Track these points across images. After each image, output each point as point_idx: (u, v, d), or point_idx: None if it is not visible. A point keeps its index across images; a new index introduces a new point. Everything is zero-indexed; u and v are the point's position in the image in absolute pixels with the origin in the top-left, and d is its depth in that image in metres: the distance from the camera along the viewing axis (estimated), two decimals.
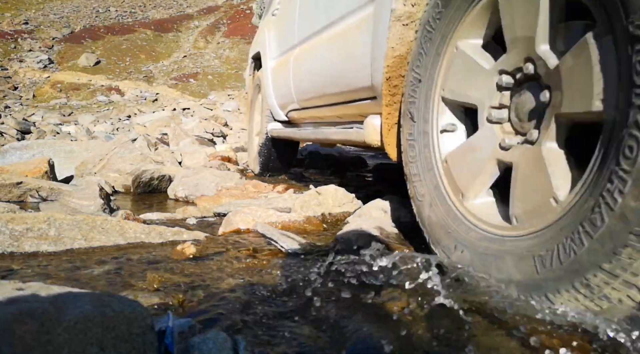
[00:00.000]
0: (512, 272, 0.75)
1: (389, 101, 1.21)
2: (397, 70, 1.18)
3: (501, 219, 0.88)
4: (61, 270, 0.95)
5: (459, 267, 0.86)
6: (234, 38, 27.57)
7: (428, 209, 1.02)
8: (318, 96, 2.00)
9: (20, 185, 2.00)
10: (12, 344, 0.46)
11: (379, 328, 0.71)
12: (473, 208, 0.93)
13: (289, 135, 2.55)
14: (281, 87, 2.58)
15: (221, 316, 0.74)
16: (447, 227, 0.94)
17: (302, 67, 2.15)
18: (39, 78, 20.76)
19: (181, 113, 9.98)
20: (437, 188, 1.01)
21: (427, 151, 1.06)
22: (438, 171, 1.03)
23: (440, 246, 0.96)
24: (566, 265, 0.66)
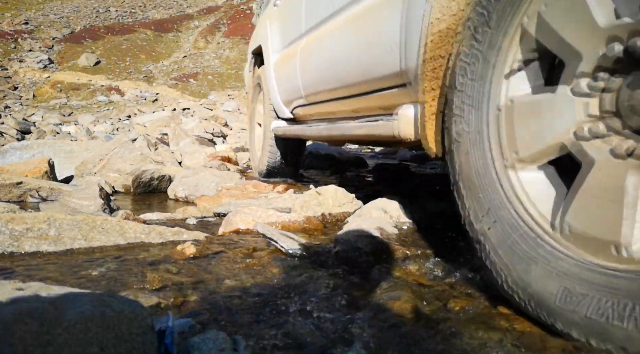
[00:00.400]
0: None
1: (429, 86, 1.00)
2: (440, 48, 0.96)
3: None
4: (61, 270, 0.95)
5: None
6: (234, 38, 27.56)
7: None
8: (330, 89, 1.80)
9: (20, 185, 2.00)
10: (12, 344, 0.46)
11: (381, 330, 0.71)
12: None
13: (297, 133, 2.33)
14: (286, 81, 2.38)
15: (221, 316, 0.74)
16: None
17: (310, 58, 1.95)
18: (39, 78, 20.76)
19: (181, 114, 9.98)
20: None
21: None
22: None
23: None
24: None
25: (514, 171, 0.79)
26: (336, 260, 1.06)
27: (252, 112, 3.34)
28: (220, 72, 23.16)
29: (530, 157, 0.77)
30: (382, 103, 1.45)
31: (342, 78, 1.64)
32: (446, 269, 0.97)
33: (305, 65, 2.03)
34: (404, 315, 0.75)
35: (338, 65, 1.65)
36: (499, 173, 0.80)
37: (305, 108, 2.28)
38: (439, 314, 0.76)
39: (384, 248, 1.11)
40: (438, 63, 0.98)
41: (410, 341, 0.67)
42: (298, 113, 2.45)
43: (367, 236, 1.14)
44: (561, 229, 0.71)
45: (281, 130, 2.57)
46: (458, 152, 0.88)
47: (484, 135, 0.84)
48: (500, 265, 0.76)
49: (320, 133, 1.98)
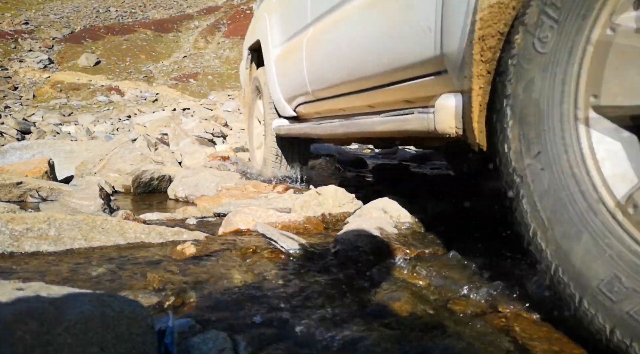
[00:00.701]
0: None
1: (477, 71, 0.84)
2: (494, 25, 0.81)
3: None
4: (61, 270, 0.95)
5: None
6: (234, 38, 27.57)
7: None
8: (342, 82, 1.62)
9: (21, 185, 2.00)
10: (12, 344, 0.46)
11: (381, 331, 0.71)
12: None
13: (305, 132, 2.09)
14: (289, 77, 2.20)
15: (221, 316, 0.74)
16: None
17: (319, 49, 1.76)
18: (39, 78, 20.76)
19: (181, 114, 9.98)
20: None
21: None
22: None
23: None
24: None
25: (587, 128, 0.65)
26: (336, 260, 1.06)
27: (249, 110, 3.18)
28: (220, 72, 23.16)
29: (614, 109, 0.63)
30: (409, 95, 1.26)
31: (358, 69, 1.45)
32: (446, 269, 0.97)
33: (313, 57, 1.84)
34: (405, 316, 0.75)
35: (353, 54, 1.45)
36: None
37: (310, 105, 2.09)
38: (439, 314, 0.76)
39: (384, 247, 1.11)
40: (489, 44, 0.82)
41: (410, 341, 0.67)
42: (301, 111, 2.28)
43: (367, 236, 1.14)
44: (627, 209, 0.60)
45: (284, 129, 2.37)
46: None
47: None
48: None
49: (334, 131, 1.74)
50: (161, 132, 5.48)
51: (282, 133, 2.44)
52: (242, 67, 3.33)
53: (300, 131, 2.14)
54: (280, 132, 2.44)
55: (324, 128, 1.83)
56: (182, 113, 10.05)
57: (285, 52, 2.25)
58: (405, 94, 1.29)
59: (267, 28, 2.50)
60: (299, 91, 2.10)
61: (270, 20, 2.48)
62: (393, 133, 1.30)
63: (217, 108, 10.69)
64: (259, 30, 2.68)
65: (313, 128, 1.97)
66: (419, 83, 1.16)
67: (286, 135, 2.41)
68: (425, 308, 0.77)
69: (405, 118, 1.18)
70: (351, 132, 1.58)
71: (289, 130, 2.31)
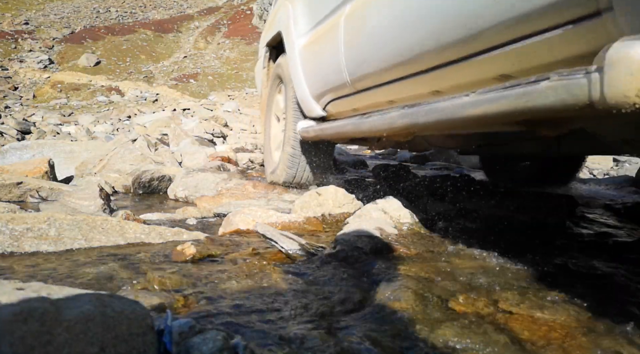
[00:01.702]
0: None
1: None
2: None
3: None
4: (61, 270, 0.95)
5: None
6: (234, 39, 27.59)
7: None
8: (403, 61, 1.22)
9: (21, 185, 2.00)
10: (12, 344, 0.46)
11: (381, 331, 0.71)
12: None
13: (344, 131, 1.63)
14: (318, 69, 1.89)
15: (221, 317, 0.74)
16: None
17: (365, 24, 1.40)
18: (39, 78, 20.77)
19: (181, 114, 9.99)
20: None
21: None
22: None
23: None
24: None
25: None
26: (336, 260, 1.06)
27: (267, 110, 2.83)
28: (221, 73, 23.18)
29: None
30: (519, 62, 0.87)
31: (437, 35, 1.03)
32: (446, 269, 0.97)
33: (354, 38, 1.50)
34: (405, 316, 0.75)
35: (433, 14, 1.04)
36: None
37: (346, 100, 1.73)
38: (439, 314, 0.76)
39: (384, 248, 1.11)
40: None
41: (410, 342, 0.67)
42: (332, 110, 1.95)
43: (367, 236, 1.14)
44: None
45: (314, 131, 1.98)
46: None
47: None
48: None
49: (391, 124, 1.24)
50: (161, 133, 5.49)
51: (310, 137, 2.06)
52: (258, 66, 3.04)
53: (338, 130, 1.68)
54: (308, 134, 2.05)
55: (374, 123, 1.35)
56: (182, 114, 10.05)
57: (314, 41, 1.95)
58: (510, 62, 0.88)
59: (290, 17, 2.21)
60: (331, 84, 1.78)
61: (294, 7, 2.20)
62: (498, 118, 0.83)
63: (217, 108, 10.70)
64: (280, 20, 2.38)
65: (357, 125, 1.49)
66: (554, 37, 0.76)
67: (316, 139, 2.03)
68: (426, 308, 0.77)
69: (528, 90, 0.73)
70: (421, 123, 1.07)
71: (321, 132, 1.88)
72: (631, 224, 1.61)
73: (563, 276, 0.95)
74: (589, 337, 0.67)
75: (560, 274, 0.97)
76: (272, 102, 2.71)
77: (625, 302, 0.82)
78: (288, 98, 2.31)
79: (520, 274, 0.95)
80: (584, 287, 0.89)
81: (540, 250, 1.16)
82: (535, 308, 0.77)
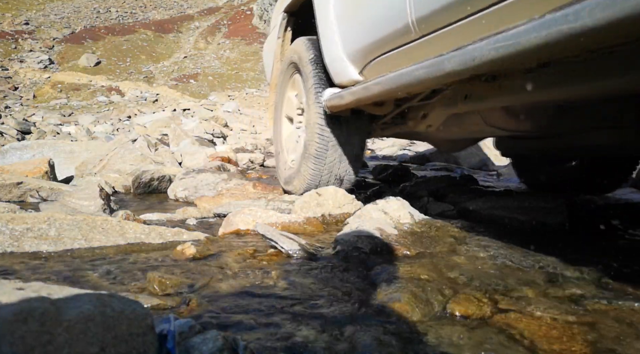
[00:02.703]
0: None
1: None
2: None
3: None
4: (61, 270, 0.95)
5: None
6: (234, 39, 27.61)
7: None
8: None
9: (21, 185, 2.00)
10: (12, 343, 0.46)
11: (381, 332, 0.71)
12: None
13: (405, 82, 1.14)
14: (363, 14, 1.45)
15: (221, 317, 0.74)
16: None
17: None
18: (39, 78, 20.78)
19: (181, 114, 9.99)
20: None
21: None
22: None
23: None
24: None
25: None
26: (336, 261, 1.06)
27: (278, 98, 2.29)
28: (221, 73, 23.19)
29: None
30: None
31: None
32: (447, 269, 0.97)
33: None
34: (405, 317, 0.75)
35: None
36: None
37: (401, 52, 1.29)
38: (439, 315, 0.76)
39: (384, 248, 1.11)
40: None
41: (410, 342, 0.67)
42: (371, 74, 1.52)
43: (367, 236, 1.14)
44: None
45: (350, 94, 1.48)
46: None
47: None
48: None
49: (470, 57, 0.87)
50: (161, 133, 5.49)
51: (344, 104, 1.55)
52: (270, 40, 2.49)
53: (397, 82, 1.17)
54: (342, 101, 1.54)
55: (436, 67, 0.98)
56: (182, 114, 10.06)
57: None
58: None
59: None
60: (383, 32, 1.32)
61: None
62: (577, 38, 0.64)
63: (217, 108, 10.70)
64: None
65: (433, 67, 1.00)
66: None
67: (354, 105, 1.53)
68: (426, 309, 0.77)
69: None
70: (487, 58, 0.80)
71: (365, 91, 1.37)
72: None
73: (564, 276, 0.95)
74: (589, 336, 0.67)
75: (561, 274, 0.97)
76: (284, 94, 2.21)
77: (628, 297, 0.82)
78: (307, 73, 1.81)
79: (521, 274, 0.95)
80: (585, 287, 0.89)
81: (540, 250, 1.16)
82: (536, 308, 0.77)
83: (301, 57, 1.92)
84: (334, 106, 1.64)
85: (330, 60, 1.69)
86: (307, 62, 1.85)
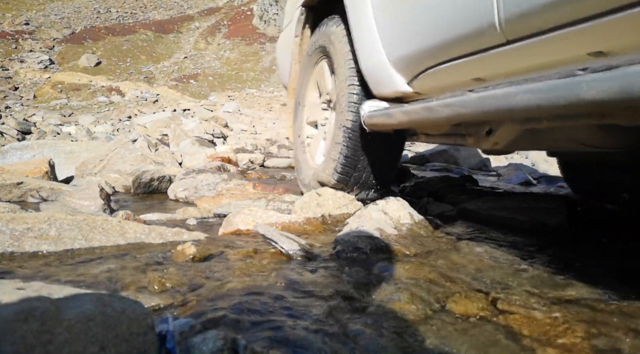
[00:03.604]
0: None
1: None
2: None
3: None
4: (62, 270, 0.95)
5: None
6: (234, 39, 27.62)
7: None
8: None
9: (21, 185, 2.00)
10: (13, 343, 0.46)
11: (381, 332, 0.71)
12: None
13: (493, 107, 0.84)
14: (419, 12, 1.12)
15: (221, 317, 0.75)
16: None
17: None
18: (39, 78, 20.79)
19: (181, 114, 10.00)
20: None
21: None
22: None
23: None
24: None
25: None
26: (336, 261, 1.06)
27: (297, 99, 2.08)
28: (221, 73, 23.20)
29: None
30: None
31: None
32: (446, 269, 0.98)
33: None
34: (404, 316, 0.75)
35: None
36: None
37: (475, 60, 0.98)
38: (439, 315, 0.76)
39: (384, 248, 1.11)
40: None
41: (410, 343, 0.67)
42: (425, 85, 1.23)
43: (367, 236, 1.14)
44: None
45: (401, 114, 1.21)
46: None
47: None
48: None
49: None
50: (161, 133, 5.49)
51: (390, 124, 1.28)
52: (284, 37, 2.24)
53: (488, 106, 0.86)
54: (388, 120, 1.27)
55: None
56: (182, 114, 10.07)
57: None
58: None
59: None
60: (447, 34, 1.02)
61: None
62: None
63: (217, 109, 10.71)
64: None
65: (558, 91, 0.71)
66: None
67: (403, 126, 1.26)
68: (426, 309, 0.77)
69: None
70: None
71: (427, 114, 1.08)
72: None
73: (564, 276, 0.95)
74: (590, 336, 0.67)
75: (562, 274, 0.97)
76: (299, 105, 2.03)
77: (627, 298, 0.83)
78: (340, 75, 1.56)
79: (520, 274, 0.95)
80: (585, 287, 0.89)
81: (540, 250, 1.16)
82: (535, 307, 0.77)
83: (334, 44, 1.60)
84: (375, 125, 1.33)
85: (369, 67, 1.37)
86: (341, 55, 1.56)
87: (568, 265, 1.04)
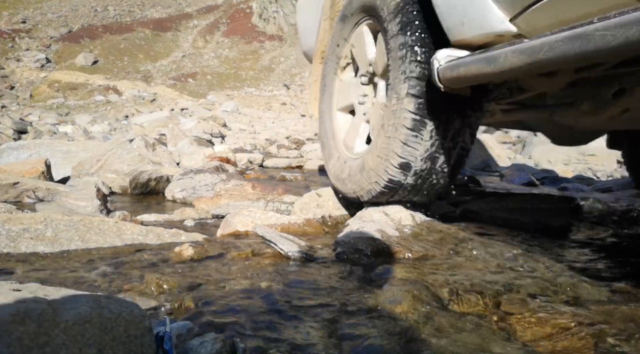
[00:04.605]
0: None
1: None
2: None
3: None
4: (58, 271, 0.94)
5: None
6: (233, 37, 27.58)
7: None
8: None
9: (17, 186, 1.98)
10: (9, 345, 0.45)
11: (381, 334, 0.70)
12: None
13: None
14: None
15: (219, 319, 0.74)
16: None
17: None
18: (36, 77, 20.70)
19: (179, 114, 9.97)
20: None
21: None
22: None
23: None
24: None
25: None
26: (336, 262, 1.05)
27: (323, 75, 1.70)
28: (219, 72, 23.16)
29: None
30: None
31: None
32: (448, 271, 0.97)
33: None
34: (405, 319, 0.74)
35: None
36: None
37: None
38: (440, 317, 0.75)
39: (385, 250, 1.11)
40: None
41: (411, 344, 0.67)
42: (538, 22, 0.87)
43: (368, 238, 1.14)
44: None
45: (539, 49, 0.75)
46: None
47: None
48: None
49: None
50: (159, 133, 5.47)
51: (496, 71, 0.88)
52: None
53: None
54: (489, 69, 0.89)
55: None
56: (180, 114, 10.04)
57: None
58: None
59: None
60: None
61: None
62: None
63: (215, 108, 10.69)
64: None
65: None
66: None
67: (514, 74, 0.92)
68: (427, 310, 0.77)
69: None
70: None
71: (570, 46, 0.71)
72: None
73: (566, 278, 0.95)
74: (592, 337, 0.67)
75: (563, 275, 0.97)
76: (336, 71, 1.62)
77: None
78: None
79: (523, 276, 0.95)
80: (587, 288, 0.89)
81: (543, 251, 1.16)
82: (538, 309, 0.77)
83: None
84: (460, 78, 0.98)
85: (449, 6, 1.02)
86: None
87: (571, 267, 1.03)
